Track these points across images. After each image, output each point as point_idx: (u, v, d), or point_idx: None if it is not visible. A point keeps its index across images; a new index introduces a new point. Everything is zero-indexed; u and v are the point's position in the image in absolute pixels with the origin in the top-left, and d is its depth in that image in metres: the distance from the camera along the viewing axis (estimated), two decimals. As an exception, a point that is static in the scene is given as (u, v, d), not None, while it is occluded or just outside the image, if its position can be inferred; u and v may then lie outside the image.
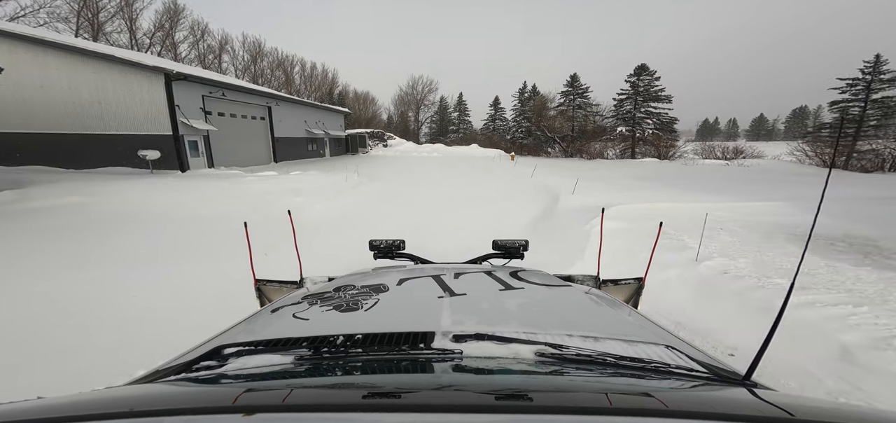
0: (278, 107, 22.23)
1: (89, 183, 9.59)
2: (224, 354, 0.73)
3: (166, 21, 33.65)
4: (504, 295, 1.04)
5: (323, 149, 30.45)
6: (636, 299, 1.60)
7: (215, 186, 10.42)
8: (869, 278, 3.68)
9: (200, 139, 15.25)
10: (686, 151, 28.20)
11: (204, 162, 15.40)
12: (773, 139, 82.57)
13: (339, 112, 35.00)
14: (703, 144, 28.02)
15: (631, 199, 8.64)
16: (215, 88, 16.12)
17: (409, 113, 62.99)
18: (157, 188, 9.34)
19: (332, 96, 55.07)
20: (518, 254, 1.86)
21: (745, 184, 12.34)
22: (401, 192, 11.76)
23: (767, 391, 0.57)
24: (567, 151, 36.53)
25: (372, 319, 0.88)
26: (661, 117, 32.14)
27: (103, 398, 0.51)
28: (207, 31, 40.09)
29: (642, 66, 33.10)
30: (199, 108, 15.25)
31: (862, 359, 2.36)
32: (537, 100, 42.48)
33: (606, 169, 20.04)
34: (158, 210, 7.80)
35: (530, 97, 46.01)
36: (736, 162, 22.44)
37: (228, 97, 17.13)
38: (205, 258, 5.10)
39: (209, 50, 40.86)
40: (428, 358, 0.67)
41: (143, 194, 8.86)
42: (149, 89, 13.47)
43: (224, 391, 0.57)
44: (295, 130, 24.99)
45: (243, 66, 45.99)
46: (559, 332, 0.79)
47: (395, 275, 1.26)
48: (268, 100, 21.12)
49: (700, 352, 0.80)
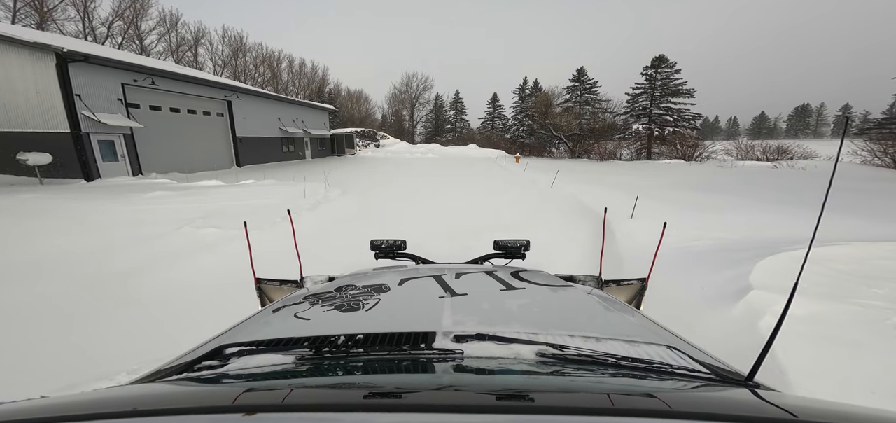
0: (241, 101, 18.72)
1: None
2: (225, 353, 0.73)
3: (127, 8, 30.06)
4: (505, 295, 1.03)
5: (302, 150, 26.95)
6: (639, 299, 1.52)
7: (86, 208, 6.93)
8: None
9: (119, 139, 11.75)
10: (715, 151, 24.82)
11: (125, 168, 11.90)
12: (776, 137, 79.67)
13: (322, 109, 31.49)
14: (737, 143, 24.64)
15: (721, 223, 5.62)
16: (142, 75, 12.61)
17: (404, 112, 59.71)
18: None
19: (321, 94, 51.63)
20: (519, 254, 1.83)
21: (858, 197, 8.92)
22: (378, 211, 8.31)
23: (770, 393, 0.56)
24: (574, 151, 33.24)
25: (373, 319, 0.87)
26: (683, 114, 28.80)
27: (105, 397, 0.51)
28: (181, 22, 36.56)
29: (660, 57, 29.77)
30: (116, 99, 11.74)
31: None
32: (541, 95, 39.14)
33: (630, 173, 16.66)
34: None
35: (532, 93, 42.69)
36: (784, 164, 19.09)
37: (164, 88, 13.62)
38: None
39: (183, 42, 37.32)
40: (429, 358, 0.66)
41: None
42: (34, 73, 9.95)
43: (225, 391, 0.57)
44: (265, 129, 21.47)
45: (223, 62, 42.48)
46: (561, 332, 0.78)
47: (396, 275, 1.25)
48: (226, 92, 17.61)
49: (702, 353, 0.78)
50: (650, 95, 30.17)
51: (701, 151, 24.89)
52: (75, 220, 6.21)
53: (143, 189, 9.39)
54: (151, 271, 4.46)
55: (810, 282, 2.76)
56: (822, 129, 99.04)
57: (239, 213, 7.67)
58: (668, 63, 29.45)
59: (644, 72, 30.53)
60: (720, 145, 27.26)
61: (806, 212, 6.56)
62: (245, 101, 19.21)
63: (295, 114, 25.92)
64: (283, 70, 49.56)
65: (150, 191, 8.88)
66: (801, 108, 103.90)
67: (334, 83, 57.43)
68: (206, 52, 40.40)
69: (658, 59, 29.77)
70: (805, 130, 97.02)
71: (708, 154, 24.62)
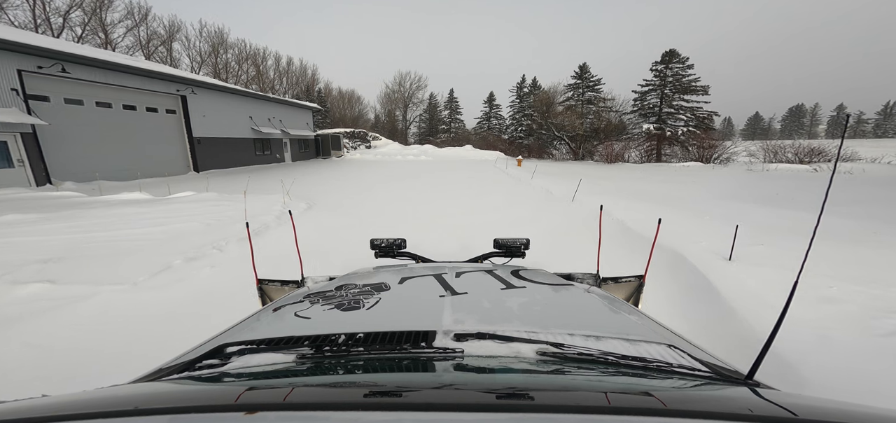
0: (199, 97, 16.05)
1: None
2: (226, 352, 0.72)
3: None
4: (505, 294, 1.03)
5: (281, 152, 24.29)
6: (637, 297, 1.53)
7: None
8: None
9: (15, 139, 9.09)
10: (736, 152, 22.47)
11: (24, 175, 9.24)
12: (771, 137, 77.99)
13: (305, 108, 28.85)
14: (764, 144, 22.31)
15: (867, 263, 3.30)
16: (49, 61, 9.92)
17: (397, 112, 57.13)
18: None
19: (310, 93, 48.93)
20: (519, 252, 1.83)
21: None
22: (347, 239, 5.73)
23: (770, 391, 0.56)
24: (577, 152, 30.92)
25: (373, 318, 0.86)
26: (697, 112, 26.53)
27: (107, 396, 0.51)
28: (152, 15, 33.68)
29: (671, 52, 27.51)
30: (10, 89, 9.08)
31: None
32: (542, 94, 36.80)
33: (651, 179, 14.28)
34: None
35: (530, 92, 40.37)
36: (824, 166, 16.79)
37: (84, 77, 10.94)
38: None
39: (154, 36, 34.41)
40: (429, 357, 0.66)
41: None
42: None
43: (226, 390, 0.57)
44: (232, 129, 18.82)
45: (201, 58, 39.62)
46: (561, 331, 0.77)
47: (396, 274, 1.24)
48: (179, 85, 14.93)
49: (703, 351, 0.78)
50: (660, 92, 27.91)
51: (720, 152, 22.56)
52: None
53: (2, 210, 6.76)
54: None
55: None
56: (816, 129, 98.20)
57: (129, 248, 5.11)
58: (679, 58, 27.20)
59: (653, 67, 28.26)
60: (741, 146, 24.98)
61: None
62: (205, 96, 16.55)
63: (271, 112, 23.28)
64: (270, 68, 46.83)
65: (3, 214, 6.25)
66: (796, 108, 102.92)
67: (325, 82, 54.81)
68: (181, 47, 37.57)
69: (669, 53, 27.51)
70: (799, 131, 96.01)
71: (728, 156, 22.30)
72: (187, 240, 5.43)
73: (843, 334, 2.47)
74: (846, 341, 2.40)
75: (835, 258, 3.80)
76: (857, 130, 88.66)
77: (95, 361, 2.66)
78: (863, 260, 3.77)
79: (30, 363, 2.57)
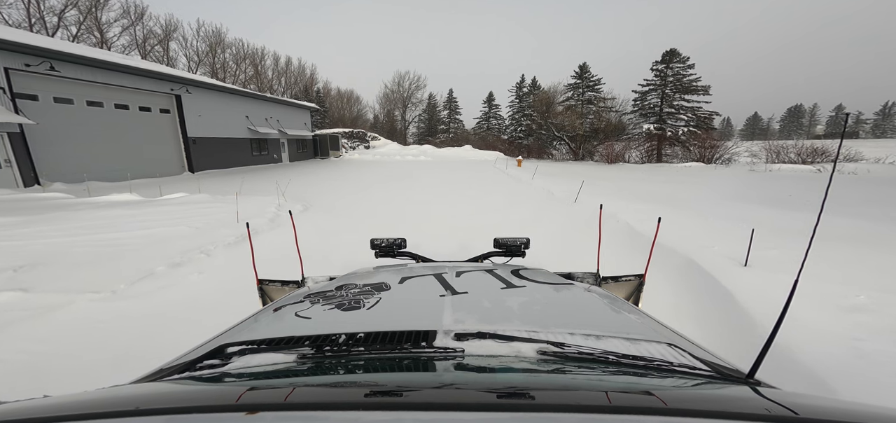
0: (194, 96, 15.79)
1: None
2: (227, 353, 0.72)
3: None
4: (506, 293, 1.02)
5: (278, 152, 24.03)
6: (637, 296, 1.52)
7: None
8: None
9: (2, 139, 8.84)
10: (737, 152, 22.29)
11: (11, 176, 8.99)
12: (769, 137, 77.68)
13: (303, 108, 28.61)
14: (766, 144, 22.12)
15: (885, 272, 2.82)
16: (37, 59, 9.66)
17: (396, 112, 56.87)
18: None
19: (308, 93, 48.66)
20: (519, 252, 1.82)
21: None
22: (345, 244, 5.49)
23: (771, 390, 0.56)
24: (577, 152, 30.74)
25: (374, 317, 0.86)
26: (697, 112, 26.34)
27: (108, 396, 0.50)
28: (148, 14, 33.41)
29: (672, 51, 27.30)
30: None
31: None
32: (542, 93, 36.61)
33: (653, 179, 14.08)
34: None
35: (530, 92, 40.18)
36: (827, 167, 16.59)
37: (74, 76, 10.67)
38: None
39: (150, 35, 34.10)
40: (430, 357, 0.65)
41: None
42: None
43: (227, 390, 0.56)
44: (229, 129, 18.57)
45: (198, 58, 39.32)
46: (561, 330, 0.77)
47: (396, 273, 1.23)
48: (173, 85, 14.68)
49: (703, 350, 0.77)
50: (661, 92, 27.71)
51: (722, 152, 22.38)
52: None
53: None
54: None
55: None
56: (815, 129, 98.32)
57: (112, 253, 4.88)
58: (680, 57, 27.01)
59: (654, 67, 28.05)
60: (743, 146, 24.79)
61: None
62: (200, 95, 16.29)
63: (269, 112, 23.02)
64: (268, 68, 46.55)
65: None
66: (794, 108, 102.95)
67: (324, 82, 54.57)
68: (178, 46, 37.30)
69: (669, 53, 27.31)
70: (798, 131, 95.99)
71: (729, 156, 22.11)
72: (174, 244, 5.18)
73: (876, 345, 2.26)
74: (882, 352, 2.18)
75: (855, 262, 3.58)
76: (857, 131, 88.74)
77: (66, 377, 2.43)
78: (884, 267, 3.55)
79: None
